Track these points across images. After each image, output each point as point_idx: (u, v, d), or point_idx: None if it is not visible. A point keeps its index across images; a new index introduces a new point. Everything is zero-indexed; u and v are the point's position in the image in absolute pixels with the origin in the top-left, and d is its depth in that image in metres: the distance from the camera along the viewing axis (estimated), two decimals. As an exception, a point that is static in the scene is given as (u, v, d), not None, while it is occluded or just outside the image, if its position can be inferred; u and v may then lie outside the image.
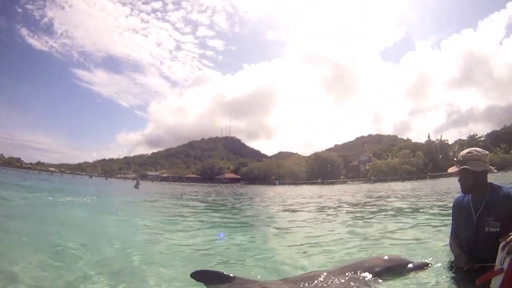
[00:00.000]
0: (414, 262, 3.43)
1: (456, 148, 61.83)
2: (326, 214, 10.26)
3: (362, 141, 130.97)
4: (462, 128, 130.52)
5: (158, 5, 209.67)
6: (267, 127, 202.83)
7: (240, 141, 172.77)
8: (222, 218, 9.84)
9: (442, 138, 67.61)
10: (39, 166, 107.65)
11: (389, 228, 6.94)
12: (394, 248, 5.06)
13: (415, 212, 9.61)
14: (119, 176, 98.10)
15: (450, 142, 67.07)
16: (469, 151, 3.01)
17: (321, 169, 75.19)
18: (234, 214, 11.42)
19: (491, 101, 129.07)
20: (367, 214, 9.89)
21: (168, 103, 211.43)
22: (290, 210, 12.49)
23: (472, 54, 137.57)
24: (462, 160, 2.99)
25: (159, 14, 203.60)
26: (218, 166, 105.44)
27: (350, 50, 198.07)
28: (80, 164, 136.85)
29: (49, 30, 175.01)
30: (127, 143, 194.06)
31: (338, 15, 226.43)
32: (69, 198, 13.31)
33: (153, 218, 8.81)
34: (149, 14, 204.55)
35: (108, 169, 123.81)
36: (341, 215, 9.83)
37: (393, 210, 10.54)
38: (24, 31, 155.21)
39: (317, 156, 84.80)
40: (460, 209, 3.16)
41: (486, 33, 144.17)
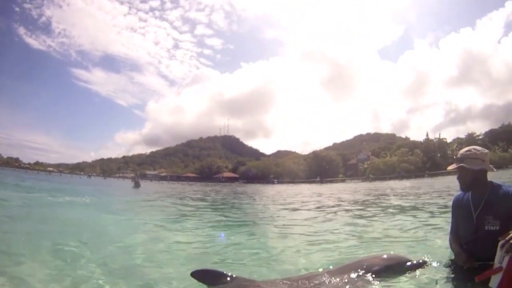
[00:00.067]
0: (413, 260, 3.44)
1: (454, 146, 61.98)
2: (325, 213, 10.26)
3: (360, 139, 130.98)
4: (460, 126, 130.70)
5: (156, 3, 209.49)
6: (266, 126, 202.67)
7: (238, 140, 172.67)
8: (222, 217, 9.85)
9: (440, 136, 67.88)
10: (38, 166, 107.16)
11: (387, 226, 6.97)
12: (393, 246, 5.07)
13: (414, 210, 9.64)
14: (118, 175, 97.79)
15: (449, 141, 67.32)
16: (468, 149, 3.02)
17: (319, 167, 75.18)
18: (233, 213, 11.42)
19: (489, 99, 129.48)
20: (366, 212, 9.91)
21: (166, 102, 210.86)
22: (289, 209, 12.51)
23: (470, 53, 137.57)
24: (460, 158, 3.01)
25: (157, 13, 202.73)
26: (217, 165, 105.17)
27: (348, 49, 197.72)
28: (78, 163, 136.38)
29: (47, 29, 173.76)
30: (125, 143, 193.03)
31: (337, 14, 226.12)
32: (68, 198, 13.30)
33: (153, 217, 8.81)
34: (147, 13, 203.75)
35: (106, 168, 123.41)
36: (340, 214, 9.86)
37: (391, 208, 10.58)
38: (21, 30, 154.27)
39: (315, 154, 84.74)
40: (459, 207, 3.15)
41: (485, 32, 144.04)
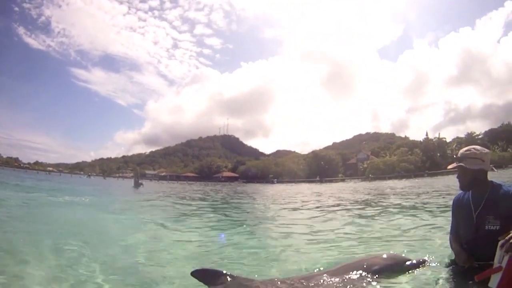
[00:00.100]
0: (412, 260, 3.45)
1: (454, 146, 62.08)
2: (325, 212, 10.27)
3: (360, 139, 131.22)
4: (460, 126, 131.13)
5: (155, 3, 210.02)
6: (265, 126, 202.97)
7: (238, 139, 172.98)
8: (222, 217, 9.85)
9: (440, 136, 67.96)
10: (37, 166, 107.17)
11: (387, 226, 6.98)
12: (393, 246, 5.08)
13: (413, 209, 9.66)
14: (117, 175, 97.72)
15: (448, 140, 67.45)
16: (468, 149, 3.02)
17: (319, 167, 75.24)
18: (234, 212, 11.42)
19: (489, 99, 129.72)
20: (366, 212, 9.93)
21: (165, 102, 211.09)
22: (289, 209, 12.52)
23: (470, 53, 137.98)
24: (460, 157, 3.01)
25: (156, 13, 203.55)
26: (216, 165, 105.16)
27: (348, 48, 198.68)
28: (78, 163, 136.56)
29: (46, 28, 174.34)
30: (125, 142, 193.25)
31: (336, 13, 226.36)
32: (68, 197, 13.29)
33: (153, 217, 8.81)
34: (146, 13, 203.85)
35: (106, 168, 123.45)
36: (339, 213, 9.86)
37: (391, 208, 10.58)
38: (21, 30, 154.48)
39: (315, 154, 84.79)
40: (460, 206, 3.15)
41: (484, 31, 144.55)
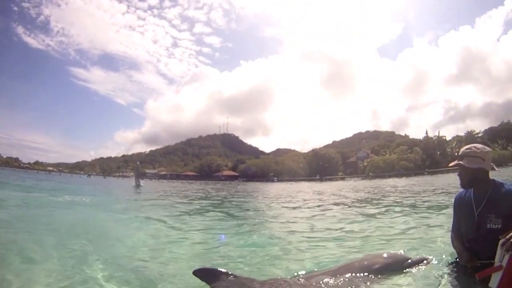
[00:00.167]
0: (413, 258, 3.46)
1: (453, 144, 62.12)
2: (325, 211, 10.30)
3: (360, 137, 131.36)
4: (460, 124, 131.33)
5: (154, 2, 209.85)
6: (265, 124, 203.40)
7: (238, 138, 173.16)
8: (224, 216, 9.85)
9: (439, 134, 67.86)
10: (37, 166, 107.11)
11: (388, 224, 7.00)
12: (393, 244, 5.09)
13: (413, 208, 9.68)
14: (118, 174, 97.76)
15: (448, 138, 67.35)
16: (468, 147, 3.02)
17: (319, 165, 75.33)
18: (235, 211, 11.43)
19: (488, 97, 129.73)
20: (366, 210, 9.95)
21: (165, 101, 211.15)
22: (290, 207, 12.54)
23: (469, 51, 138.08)
24: (460, 155, 3.01)
25: (156, 11, 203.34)
26: (216, 164, 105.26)
27: (347, 47, 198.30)
28: (78, 163, 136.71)
29: (45, 28, 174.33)
30: (125, 141, 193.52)
31: (335, 12, 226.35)
32: (69, 197, 13.28)
33: (154, 216, 8.82)
34: (145, 11, 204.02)
35: (106, 167, 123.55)
36: (340, 212, 9.87)
37: (391, 206, 10.59)
38: (20, 30, 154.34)
39: (315, 152, 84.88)
40: (461, 204, 3.14)
41: (484, 30, 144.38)
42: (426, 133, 69.50)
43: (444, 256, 3.57)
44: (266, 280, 3.14)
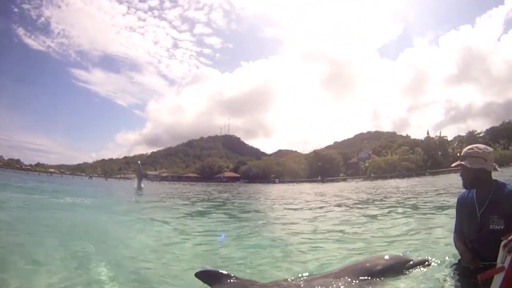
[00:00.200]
0: (414, 260, 3.45)
1: (455, 144, 61.94)
2: (327, 213, 10.31)
3: (361, 138, 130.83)
4: (461, 124, 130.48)
5: (154, 3, 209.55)
6: (266, 125, 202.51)
7: (239, 139, 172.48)
8: (226, 217, 9.88)
9: (441, 134, 67.65)
10: (39, 168, 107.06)
11: (390, 225, 7.00)
12: (395, 246, 5.09)
13: (415, 209, 9.67)
14: (119, 176, 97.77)
15: (449, 139, 67.12)
16: (470, 148, 3.00)
17: (320, 166, 75.15)
18: (237, 213, 11.43)
19: (489, 97, 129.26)
20: (368, 212, 9.93)
21: (166, 102, 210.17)
22: (293, 209, 12.54)
23: (470, 51, 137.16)
24: (462, 156, 2.99)
25: (156, 12, 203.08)
26: (218, 165, 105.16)
27: (348, 47, 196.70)
28: (79, 164, 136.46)
29: (46, 29, 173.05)
30: (126, 143, 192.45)
31: (336, 12, 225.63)
32: (71, 199, 13.32)
33: (157, 218, 8.85)
34: (146, 12, 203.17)
35: (107, 169, 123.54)
36: (342, 214, 9.88)
37: (393, 207, 10.58)
38: (20, 31, 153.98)
39: (316, 153, 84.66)
40: (464, 205, 3.12)
41: (484, 29, 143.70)
42: (428, 133, 69.32)
43: (446, 257, 3.56)
44: (268, 282, 3.14)
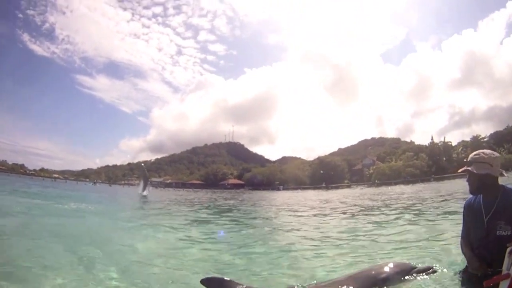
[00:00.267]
0: (419, 267, 3.44)
1: (459, 149, 61.53)
2: (332, 220, 10.30)
3: (365, 144, 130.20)
4: (465, 129, 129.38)
5: (159, 10, 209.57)
6: (270, 132, 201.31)
7: (243, 146, 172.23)
8: (232, 225, 9.90)
9: (445, 140, 67.26)
10: (43, 173, 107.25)
11: (394, 232, 6.95)
12: (401, 253, 5.07)
13: (420, 215, 9.61)
14: (123, 182, 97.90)
15: (454, 144, 66.63)
16: (477, 153, 2.99)
17: (325, 173, 74.89)
18: (243, 220, 11.44)
19: (492, 101, 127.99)
20: (373, 219, 9.89)
21: (170, 109, 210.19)
22: (297, 216, 12.52)
23: (473, 55, 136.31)
24: (469, 161, 2.98)
25: (160, 19, 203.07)
26: (222, 172, 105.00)
27: (351, 53, 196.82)
28: (83, 170, 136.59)
29: (50, 35, 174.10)
30: (130, 150, 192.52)
31: (339, 18, 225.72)
32: (75, 205, 13.36)
33: (163, 224, 8.88)
34: (150, 19, 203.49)
35: (112, 175, 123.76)
36: (347, 221, 9.88)
37: (398, 214, 10.53)
38: (25, 37, 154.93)
39: (320, 160, 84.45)
40: (471, 210, 3.10)
41: (487, 33, 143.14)
42: (432, 139, 68.91)
43: (452, 264, 3.55)
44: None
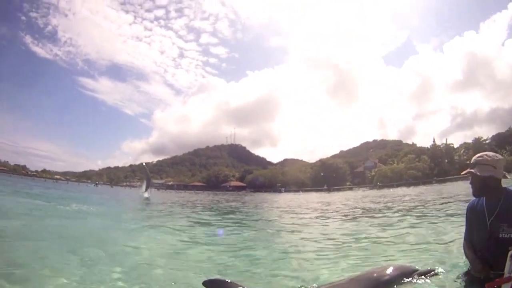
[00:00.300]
0: (420, 270, 3.44)
1: (461, 151, 61.37)
2: (334, 222, 10.31)
3: (367, 146, 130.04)
4: (467, 131, 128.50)
5: (161, 12, 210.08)
6: (272, 134, 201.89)
7: (245, 148, 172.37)
8: (234, 227, 9.89)
9: (447, 142, 67.06)
10: (45, 174, 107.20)
11: (397, 235, 6.94)
12: (403, 255, 5.06)
13: (422, 217, 9.57)
14: (125, 184, 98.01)
15: (456, 146, 66.39)
16: (480, 155, 2.99)
17: (326, 176, 74.79)
18: (245, 222, 11.44)
19: (494, 103, 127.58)
20: (374, 221, 9.89)
21: (172, 111, 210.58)
22: (299, 218, 12.52)
23: (474, 56, 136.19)
24: (472, 163, 2.98)
25: (162, 22, 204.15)
26: (224, 174, 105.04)
27: (353, 56, 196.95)
28: (85, 172, 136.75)
29: (53, 38, 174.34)
30: (132, 151, 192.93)
31: (341, 21, 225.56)
32: (77, 206, 13.39)
33: (165, 226, 8.88)
34: (152, 22, 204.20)
35: (113, 177, 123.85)
36: (348, 223, 9.86)
37: (400, 216, 10.51)
38: (28, 39, 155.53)
39: (322, 162, 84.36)
40: (473, 213, 3.09)
41: (488, 34, 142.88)
42: (434, 141, 68.72)
43: (454, 266, 3.55)
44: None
